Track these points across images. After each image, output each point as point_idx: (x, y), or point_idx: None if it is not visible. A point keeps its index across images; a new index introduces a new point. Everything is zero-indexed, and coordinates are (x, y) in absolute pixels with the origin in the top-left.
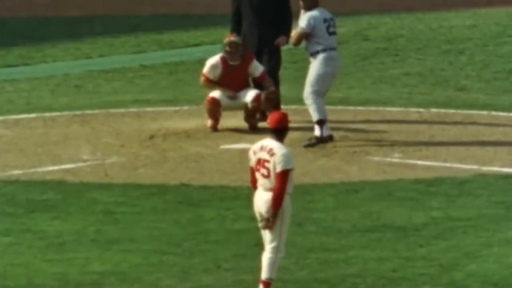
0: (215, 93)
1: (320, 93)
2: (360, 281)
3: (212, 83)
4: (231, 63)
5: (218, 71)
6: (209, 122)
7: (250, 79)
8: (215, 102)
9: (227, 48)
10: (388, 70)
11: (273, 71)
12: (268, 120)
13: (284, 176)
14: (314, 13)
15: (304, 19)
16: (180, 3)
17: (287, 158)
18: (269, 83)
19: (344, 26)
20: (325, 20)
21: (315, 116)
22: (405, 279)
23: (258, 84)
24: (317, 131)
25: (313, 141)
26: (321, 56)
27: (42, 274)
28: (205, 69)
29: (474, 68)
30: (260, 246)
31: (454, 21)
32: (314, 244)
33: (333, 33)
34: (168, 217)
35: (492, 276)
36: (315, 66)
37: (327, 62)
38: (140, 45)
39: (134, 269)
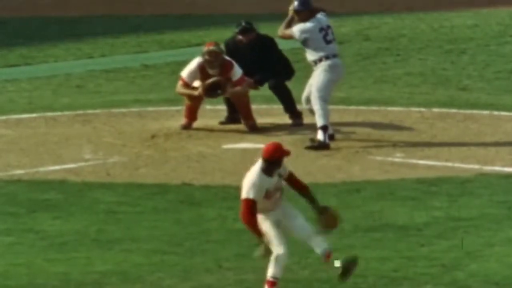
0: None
1: (326, 99)
2: (362, 280)
3: (189, 89)
4: (210, 71)
5: (196, 78)
6: (184, 120)
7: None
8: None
9: (207, 57)
10: (389, 70)
11: (278, 84)
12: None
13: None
14: (308, 25)
15: (297, 29)
16: (181, 3)
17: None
18: (244, 87)
19: (346, 26)
20: (321, 30)
21: (320, 122)
22: (407, 278)
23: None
24: (320, 136)
25: (315, 144)
26: (324, 64)
27: (44, 273)
28: (185, 74)
29: (476, 68)
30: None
31: (455, 21)
32: None
33: (331, 41)
34: (169, 216)
35: (493, 276)
36: (320, 73)
37: (331, 69)
38: (142, 45)
39: (136, 269)
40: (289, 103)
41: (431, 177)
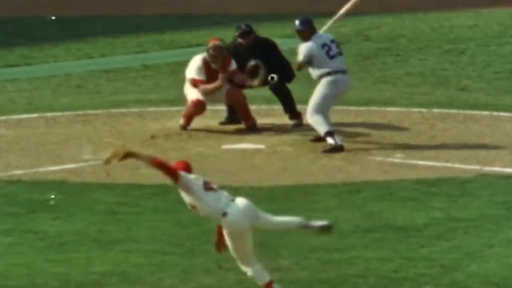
0: (198, 95)
1: (319, 112)
2: (362, 281)
3: (206, 84)
4: (213, 66)
5: (202, 74)
6: (182, 121)
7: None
8: (201, 105)
9: (211, 52)
10: (389, 70)
11: (278, 85)
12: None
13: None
14: (309, 44)
15: (301, 52)
16: (181, 3)
17: None
18: (239, 78)
19: (346, 26)
20: (323, 46)
21: (322, 130)
22: (407, 279)
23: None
24: (330, 141)
25: (327, 147)
26: (326, 79)
27: (44, 274)
28: (193, 74)
29: (476, 68)
30: (261, 246)
31: (455, 21)
32: (315, 244)
33: (335, 56)
34: (169, 217)
35: (493, 277)
36: (319, 88)
37: (332, 85)
38: (142, 45)
39: (136, 269)
40: (289, 104)
41: (431, 177)
